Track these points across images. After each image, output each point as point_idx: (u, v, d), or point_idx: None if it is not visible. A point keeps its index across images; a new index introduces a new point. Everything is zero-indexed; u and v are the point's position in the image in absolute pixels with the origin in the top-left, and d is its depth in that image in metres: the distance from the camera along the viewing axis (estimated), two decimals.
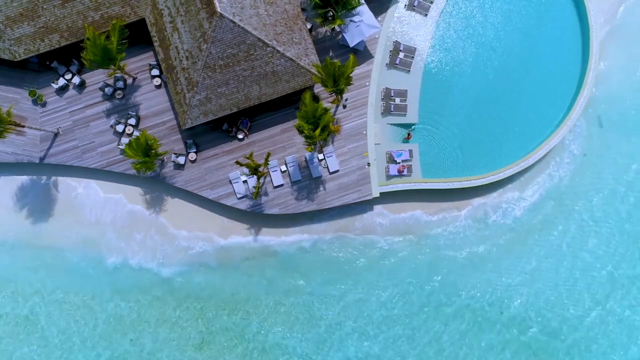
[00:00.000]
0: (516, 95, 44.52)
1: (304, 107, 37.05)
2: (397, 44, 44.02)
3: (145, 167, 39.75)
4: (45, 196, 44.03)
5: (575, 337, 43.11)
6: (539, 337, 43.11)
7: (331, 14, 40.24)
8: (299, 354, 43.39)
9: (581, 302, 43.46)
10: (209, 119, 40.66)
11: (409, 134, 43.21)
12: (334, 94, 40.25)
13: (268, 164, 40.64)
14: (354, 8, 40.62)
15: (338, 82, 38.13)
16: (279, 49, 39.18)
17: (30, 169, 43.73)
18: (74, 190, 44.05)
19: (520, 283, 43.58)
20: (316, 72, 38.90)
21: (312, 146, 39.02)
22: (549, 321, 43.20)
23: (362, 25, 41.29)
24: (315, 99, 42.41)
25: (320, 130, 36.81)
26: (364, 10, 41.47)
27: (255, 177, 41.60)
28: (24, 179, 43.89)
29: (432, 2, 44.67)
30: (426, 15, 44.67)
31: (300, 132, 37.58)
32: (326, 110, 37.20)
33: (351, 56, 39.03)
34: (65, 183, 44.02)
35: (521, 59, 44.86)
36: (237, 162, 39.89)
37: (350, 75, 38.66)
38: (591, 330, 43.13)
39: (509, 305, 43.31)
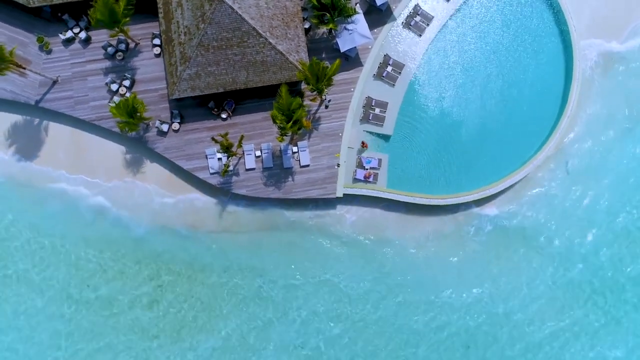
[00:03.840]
0: (491, 127, 46.49)
1: (280, 99, 39.33)
2: (387, 58, 46.08)
3: (128, 128, 42.30)
4: (35, 137, 46.57)
5: None
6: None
7: (326, 17, 42.37)
8: (242, 329, 45.63)
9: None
10: (196, 94, 43.12)
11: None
12: (315, 93, 42.40)
13: (241, 146, 42.96)
14: (349, 16, 42.79)
15: (320, 81, 40.36)
16: (271, 41, 41.51)
17: (25, 110, 46.30)
18: (62, 137, 46.49)
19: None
20: (301, 69, 41.13)
21: (284, 137, 41.22)
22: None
23: (355, 33, 43.49)
24: (300, 94, 44.72)
25: (292, 123, 39.03)
26: (359, 19, 43.65)
27: (230, 155, 43.83)
28: (18, 117, 46.53)
29: (428, 25, 46.65)
30: (420, 35, 46.68)
31: (274, 121, 39.83)
32: (300, 105, 39.45)
33: (337, 60, 41.31)
34: (55, 129, 46.52)
35: (503, 94, 46.81)
36: (213, 139, 42.25)
37: (332, 77, 40.87)
38: None
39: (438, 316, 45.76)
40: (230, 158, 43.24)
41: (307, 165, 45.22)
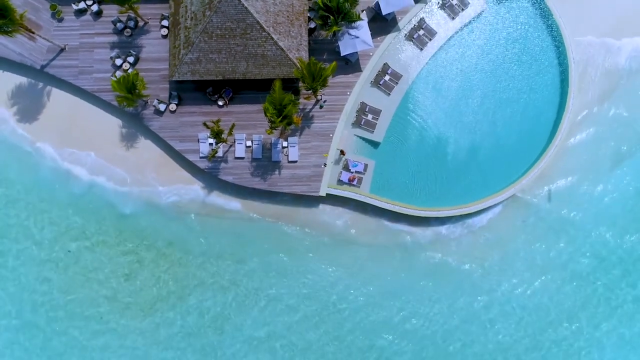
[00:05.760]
0: (479, 147, 47.35)
1: (273, 93, 40.36)
2: (386, 67, 46.98)
3: (126, 103, 43.48)
4: (36, 101, 47.77)
5: None
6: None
7: (330, 20, 43.30)
8: (212, 312, 46.66)
9: None
10: (195, 79, 44.25)
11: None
12: (310, 92, 43.42)
13: (232, 134, 44.02)
14: (353, 21, 43.72)
15: (315, 81, 41.36)
16: (273, 36, 42.56)
17: (30, 73, 47.65)
18: (61, 104, 47.63)
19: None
20: (298, 66, 42.14)
21: (274, 130, 42.23)
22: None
23: (357, 39, 44.46)
24: (296, 92, 45.72)
25: (282, 117, 40.06)
26: (362, 26, 44.63)
27: (218, 142, 44.83)
28: (22, 79, 47.83)
29: (430, 39, 47.51)
30: (422, 49, 47.54)
31: (266, 114, 40.88)
32: (292, 102, 40.46)
33: (334, 62, 42.32)
34: (56, 95, 47.73)
35: (495, 116, 47.64)
36: (204, 124, 43.33)
37: (328, 78, 41.85)
38: None
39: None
40: (219, 144, 44.27)
41: (295, 161, 46.20)
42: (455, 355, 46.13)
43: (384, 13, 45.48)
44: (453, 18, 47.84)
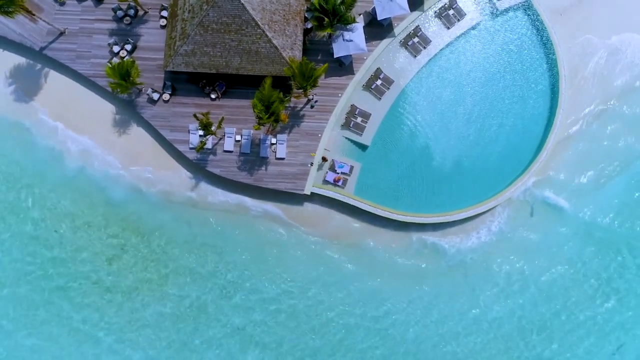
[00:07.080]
0: (464, 158, 47.85)
1: (262, 90, 40.99)
2: (378, 71, 47.53)
3: (120, 89, 44.20)
4: (33, 82, 48.50)
5: None
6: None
7: (326, 21, 43.85)
8: (191, 301, 47.37)
9: None
10: (189, 70, 44.89)
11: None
12: (301, 90, 44.04)
13: (221, 127, 44.66)
14: (349, 24, 44.28)
15: (305, 80, 41.96)
16: (268, 34, 43.16)
17: (28, 54, 48.40)
18: (57, 87, 48.36)
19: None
20: (290, 65, 42.73)
21: (261, 126, 42.83)
22: None
23: (351, 42, 44.97)
24: (288, 90, 46.31)
25: (269, 114, 40.68)
26: (357, 29, 45.13)
27: (207, 134, 45.47)
28: (20, 60, 48.59)
29: (425, 47, 48.02)
30: (415, 56, 48.05)
31: (254, 109, 41.50)
32: (280, 100, 41.07)
33: (325, 64, 42.92)
34: (53, 78, 48.48)
35: (483, 127, 48.08)
36: (194, 115, 43.98)
37: (318, 79, 42.44)
38: None
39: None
40: (207, 136, 44.92)
41: (282, 159, 46.79)
42: (427, 353, 46.83)
43: (379, 18, 45.93)
44: (448, 28, 48.34)
